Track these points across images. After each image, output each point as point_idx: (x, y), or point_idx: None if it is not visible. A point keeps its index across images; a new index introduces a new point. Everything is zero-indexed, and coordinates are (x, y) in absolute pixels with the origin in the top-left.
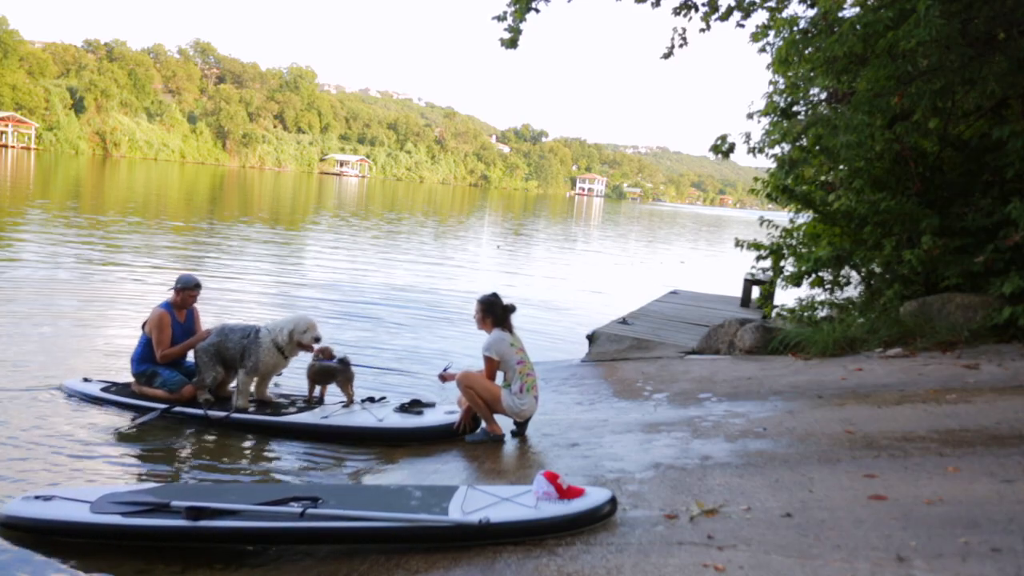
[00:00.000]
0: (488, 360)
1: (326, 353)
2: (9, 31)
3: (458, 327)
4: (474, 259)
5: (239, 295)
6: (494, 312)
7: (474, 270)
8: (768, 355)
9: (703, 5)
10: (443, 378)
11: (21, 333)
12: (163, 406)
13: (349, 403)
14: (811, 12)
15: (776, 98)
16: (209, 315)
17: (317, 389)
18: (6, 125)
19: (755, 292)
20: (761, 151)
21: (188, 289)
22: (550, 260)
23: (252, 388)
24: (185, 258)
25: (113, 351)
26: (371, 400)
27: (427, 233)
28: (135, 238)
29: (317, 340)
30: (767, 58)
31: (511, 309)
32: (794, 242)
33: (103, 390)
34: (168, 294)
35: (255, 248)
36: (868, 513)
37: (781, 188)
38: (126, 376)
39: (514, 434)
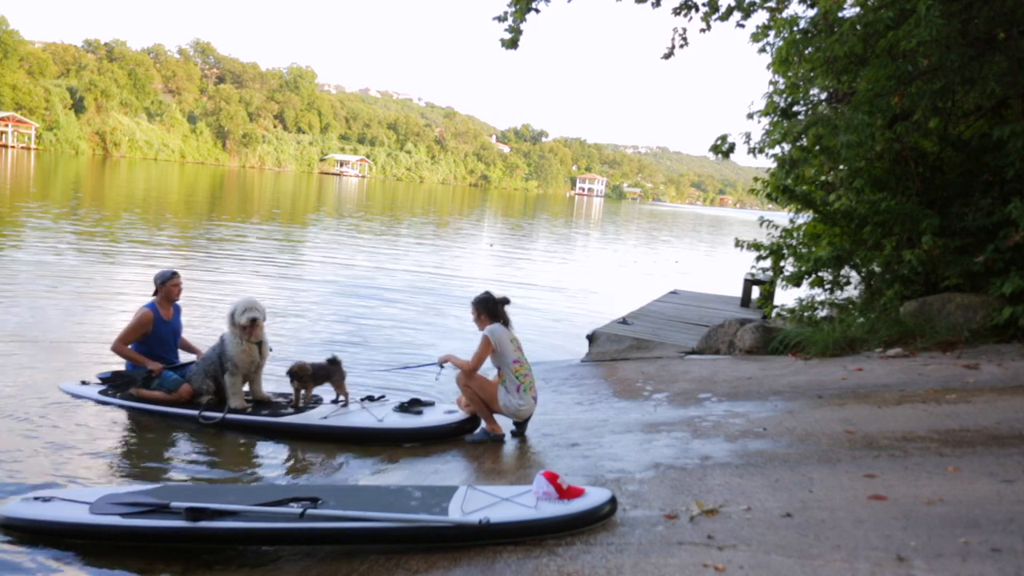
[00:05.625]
0: (484, 341)
1: (303, 369)
2: (9, 31)
3: (454, 325)
4: (473, 259)
5: (239, 293)
6: (488, 308)
7: (473, 270)
8: (768, 355)
9: (703, 5)
10: (442, 362)
11: (20, 335)
12: (194, 412)
13: (347, 402)
14: (811, 12)
15: (776, 98)
16: (210, 313)
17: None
18: (6, 125)
19: (755, 292)
20: (761, 151)
21: (168, 280)
22: (550, 260)
23: (244, 388)
24: (186, 258)
25: (112, 353)
26: (370, 399)
27: (426, 233)
28: (135, 238)
29: (253, 321)
30: (767, 58)
31: (505, 301)
32: (794, 242)
33: (101, 390)
34: (152, 296)
35: (255, 247)
36: (868, 513)
37: (781, 188)
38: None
39: (514, 434)
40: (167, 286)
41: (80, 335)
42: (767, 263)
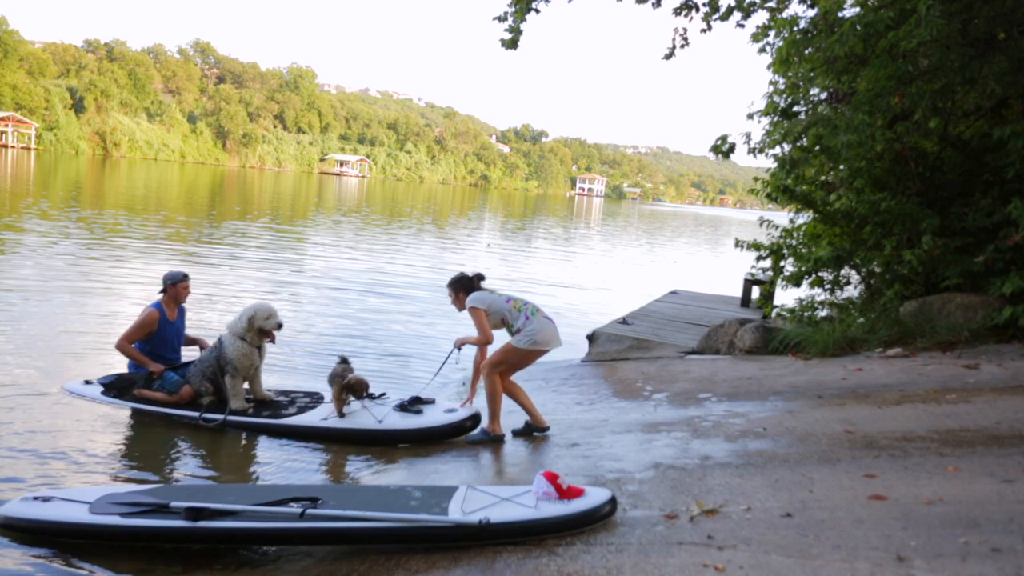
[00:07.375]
0: (474, 311)
1: (361, 384)
2: (9, 31)
3: (452, 323)
4: (473, 258)
5: (239, 292)
6: (464, 285)
7: (473, 268)
8: (768, 355)
9: (704, 5)
10: (459, 345)
11: (22, 334)
12: (196, 414)
13: (349, 401)
14: (811, 12)
15: (776, 98)
16: (212, 313)
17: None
18: (6, 125)
19: (755, 292)
20: (761, 151)
21: (179, 282)
22: (550, 260)
23: (244, 387)
24: (188, 257)
25: (115, 353)
26: (371, 396)
27: (425, 232)
28: (136, 238)
29: (279, 326)
30: (767, 58)
31: (480, 277)
32: (794, 242)
33: (104, 392)
34: (159, 296)
35: (256, 245)
36: (868, 513)
37: (781, 188)
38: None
39: (515, 434)
40: (177, 288)
41: (82, 334)
42: (767, 263)
